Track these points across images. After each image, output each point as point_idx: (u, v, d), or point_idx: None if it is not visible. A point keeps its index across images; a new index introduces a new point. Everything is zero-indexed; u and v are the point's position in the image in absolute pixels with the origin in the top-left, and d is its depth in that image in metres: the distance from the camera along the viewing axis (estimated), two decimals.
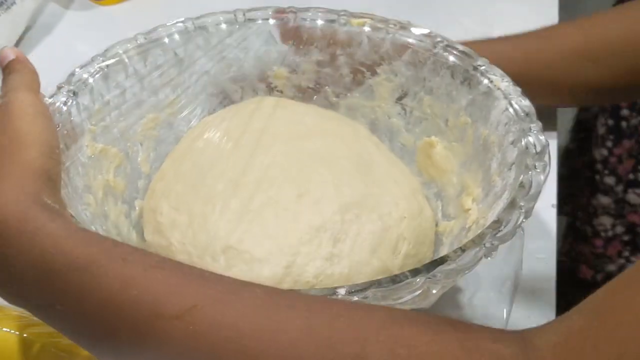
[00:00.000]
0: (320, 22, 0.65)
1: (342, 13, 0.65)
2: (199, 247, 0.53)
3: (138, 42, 0.62)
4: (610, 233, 1.01)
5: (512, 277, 0.51)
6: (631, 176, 0.97)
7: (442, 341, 0.38)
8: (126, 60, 0.61)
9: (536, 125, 0.54)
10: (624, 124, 0.97)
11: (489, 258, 0.46)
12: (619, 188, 0.98)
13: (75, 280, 0.41)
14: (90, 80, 0.58)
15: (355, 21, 0.65)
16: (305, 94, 0.68)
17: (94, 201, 0.54)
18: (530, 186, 0.50)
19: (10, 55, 0.53)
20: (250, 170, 0.56)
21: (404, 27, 0.64)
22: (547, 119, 0.56)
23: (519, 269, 0.51)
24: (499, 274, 0.58)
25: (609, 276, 1.00)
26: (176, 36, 0.63)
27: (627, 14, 0.73)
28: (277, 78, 0.67)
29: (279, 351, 0.38)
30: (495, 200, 0.53)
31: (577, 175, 1.06)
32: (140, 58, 0.62)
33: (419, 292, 0.44)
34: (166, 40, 0.63)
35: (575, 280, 1.04)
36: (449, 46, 0.61)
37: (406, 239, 0.55)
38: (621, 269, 1.00)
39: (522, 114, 0.55)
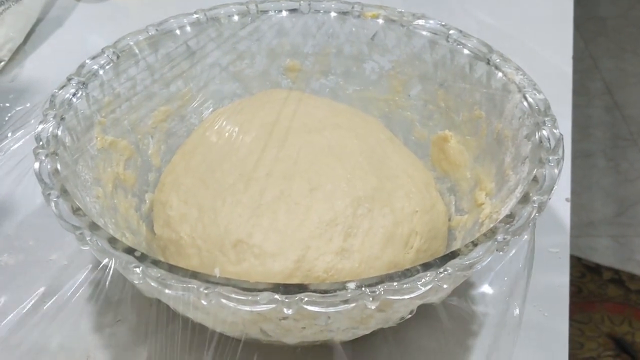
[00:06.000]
0: (333, 14, 0.65)
1: (356, 4, 0.65)
2: (209, 241, 0.52)
3: (149, 33, 0.62)
4: None
5: (524, 273, 0.51)
6: None
7: None
8: (137, 51, 0.60)
9: (550, 119, 0.54)
10: None
11: (501, 252, 0.46)
12: None
13: None
14: (101, 71, 0.58)
15: (368, 13, 0.64)
16: (318, 87, 0.67)
17: (104, 194, 0.54)
18: (544, 180, 0.49)
19: None
20: (262, 163, 0.56)
21: (418, 19, 0.63)
22: (561, 112, 0.55)
23: (529, 264, 0.50)
24: (513, 269, 0.57)
25: None
26: (188, 28, 0.63)
27: None
28: (289, 70, 0.67)
29: None
30: (509, 194, 0.52)
31: None
32: (152, 50, 0.61)
33: (430, 286, 0.43)
34: (178, 31, 0.63)
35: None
36: (463, 39, 0.61)
37: (418, 233, 0.55)
38: None
39: (537, 108, 0.55)
